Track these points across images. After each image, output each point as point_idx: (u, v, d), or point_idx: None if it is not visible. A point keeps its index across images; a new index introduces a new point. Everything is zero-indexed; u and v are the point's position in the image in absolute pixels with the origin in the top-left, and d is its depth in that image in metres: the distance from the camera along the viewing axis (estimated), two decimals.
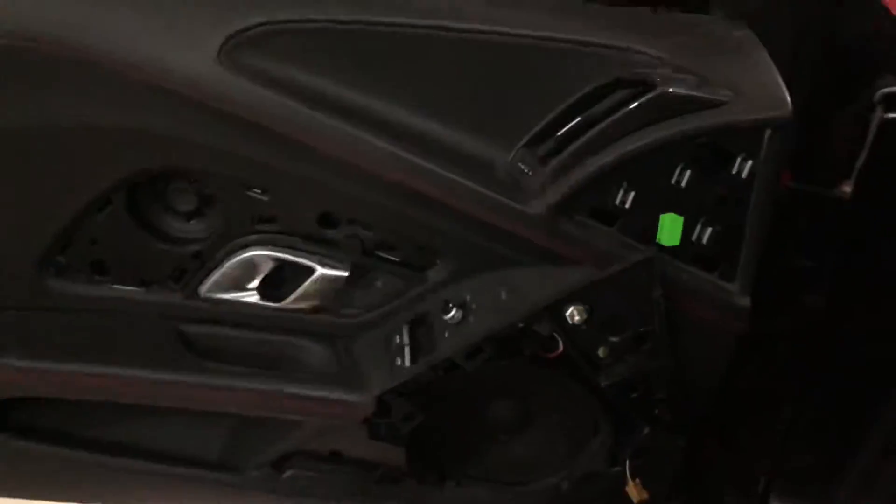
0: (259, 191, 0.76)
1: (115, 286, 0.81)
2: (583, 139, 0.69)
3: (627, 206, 0.71)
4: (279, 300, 0.81)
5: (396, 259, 0.80)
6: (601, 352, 0.77)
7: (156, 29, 0.68)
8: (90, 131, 0.71)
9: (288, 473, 0.89)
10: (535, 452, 0.93)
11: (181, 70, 0.67)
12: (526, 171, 0.72)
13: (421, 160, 0.70)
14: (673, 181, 0.70)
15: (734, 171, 0.69)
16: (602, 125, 0.68)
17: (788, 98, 0.66)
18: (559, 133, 0.70)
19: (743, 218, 0.71)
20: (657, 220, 0.71)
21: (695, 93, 0.66)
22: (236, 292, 0.81)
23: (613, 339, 0.76)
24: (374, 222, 0.77)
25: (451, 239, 0.76)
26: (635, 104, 0.66)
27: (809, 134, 0.81)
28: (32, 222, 0.77)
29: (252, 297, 0.81)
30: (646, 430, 0.86)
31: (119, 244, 0.79)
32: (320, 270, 0.79)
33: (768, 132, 0.67)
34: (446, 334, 0.78)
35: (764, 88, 0.67)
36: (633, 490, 0.88)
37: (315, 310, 0.82)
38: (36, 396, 0.82)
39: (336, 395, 0.81)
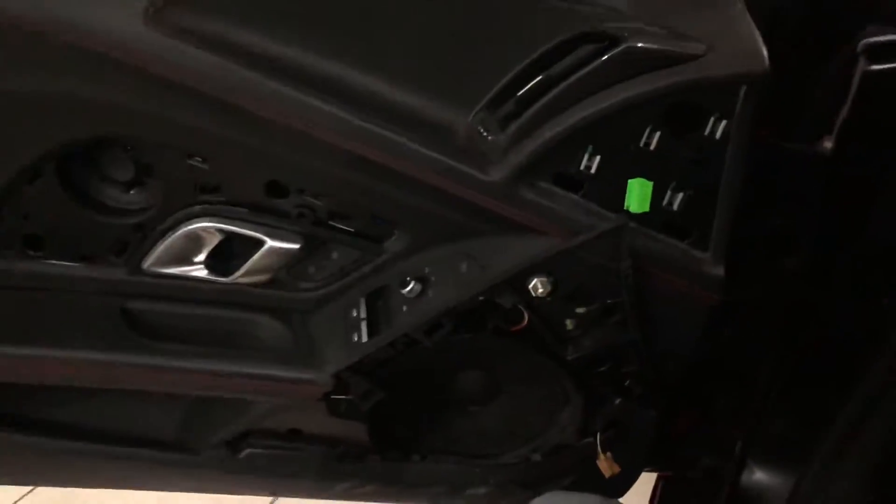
0: (200, 159, 0.70)
1: (53, 262, 0.76)
2: (545, 99, 0.64)
3: (593, 171, 0.66)
4: (228, 274, 0.76)
5: (351, 230, 0.75)
6: (568, 324, 0.73)
7: None
8: (11, 98, 0.65)
9: (245, 452, 0.85)
10: (504, 424, 0.89)
11: (105, 30, 0.61)
12: (485, 134, 0.67)
13: (371, 125, 0.65)
14: (641, 143, 0.65)
15: (707, 131, 0.64)
16: (565, 84, 0.63)
17: (765, 52, 0.61)
18: (520, 93, 0.65)
19: (716, 182, 0.67)
20: (625, 185, 0.67)
21: (665, 47, 0.61)
22: (182, 266, 0.76)
23: (580, 310, 0.73)
24: (325, 191, 0.72)
25: (408, 208, 0.71)
26: (601, 60, 0.61)
27: (789, 88, 0.76)
28: None
29: (199, 272, 0.77)
30: (616, 402, 0.83)
31: (53, 217, 0.74)
32: (270, 243, 0.74)
33: (744, 89, 0.62)
34: (404, 308, 0.74)
35: (740, 42, 0.62)
36: (603, 464, 0.85)
37: (267, 284, 0.78)
38: None
39: (291, 373, 0.77)
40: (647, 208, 0.68)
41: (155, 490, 0.93)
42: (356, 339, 0.76)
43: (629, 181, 0.67)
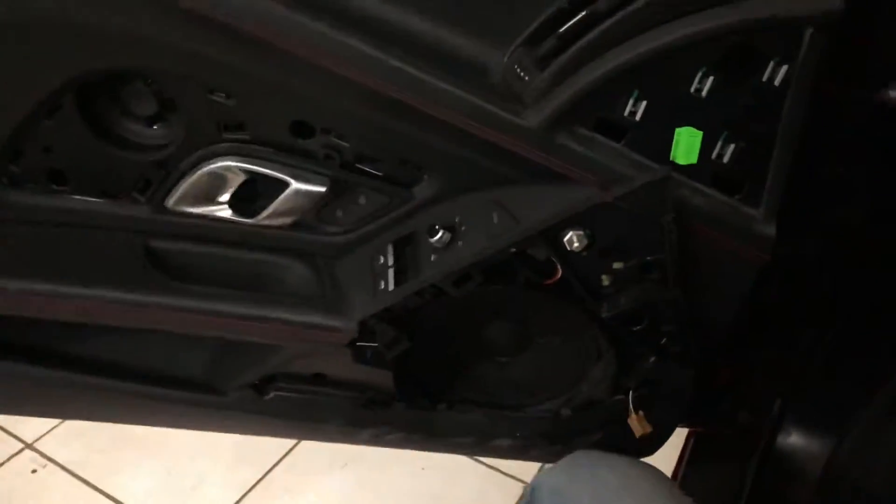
0: (224, 95, 0.67)
1: (76, 197, 0.75)
2: (588, 37, 0.58)
3: (638, 117, 0.61)
4: (252, 216, 0.74)
5: (379, 174, 0.72)
6: (604, 279, 0.70)
7: None
8: (27, 27, 0.62)
9: (271, 395, 0.85)
10: (533, 377, 0.87)
11: None
12: (522, 75, 0.62)
13: (401, 63, 0.61)
14: (692, 89, 0.59)
15: (765, 77, 0.58)
16: (612, 20, 0.57)
17: None
18: (561, 29, 0.60)
19: (772, 133, 0.61)
20: (672, 134, 0.61)
21: None
22: (206, 206, 0.74)
23: (617, 266, 0.69)
24: (352, 133, 0.68)
25: (438, 153, 0.67)
26: None
27: (853, 30, 0.69)
28: None
29: (223, 212, 0.74)
30: (652, 360, 0.80)
31: (75, 151, 0.71)
32: (295, 185, 0.71)
33: (810, 31, 0.55)
34: (433, 257, 0.71)
35: None
36: (635, 423, 0.82)
37: (293, 227, 0.75)
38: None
39: (316, 319, 0.75)
40: (694, 160, 0.62)
41: (180, 428, 0.93)
42: (383, 286, 0.73)
43: (676, 130, 0.61)
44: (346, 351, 0.78)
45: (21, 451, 1.66)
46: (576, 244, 0.65)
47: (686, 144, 0.61)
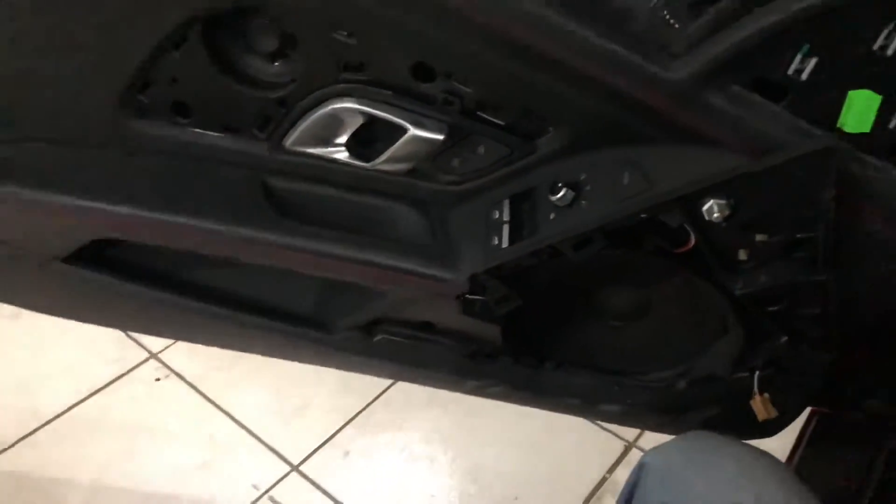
0: (345, 33, 0.64)
1: (199, 130, 0.75)
2: None
3: (804, 77, 0.53)
4: (368, 160, 0.72)
5: (501, 123, 0.67)
6: (741, 254, 0.63)
7: None
8: None
9: (378, 338, 0.85)
10: (649, 345, 0.82)
11: None
12: (672, 21, 0.55)
13: (533, 4, 0.55)
14: (876, 46, 0.51)
15: None
16: None
17: None
18: None
19: None
20: (843, 97, 0.53)
21: None
22: (323, 147, 0.73)
23: (760, 239, 0.62)
24: (476, 78, 0.64)
25: (567, 104, 0.62)
26: None
27: None
28: (109, 58, 0.71)
29: (340, 154, 0.73)
30: (783, 340, 0.73)
31: (199, 85, 0.71)
32: (413, 130, 0.68)
33: None
34: (552, 216, 0.67)
35: None
36: (758, 405, 0.76)
37: (408, 173, 0.73)
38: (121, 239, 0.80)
39: (427, 269, 0.73)
40: (867, 128, 0.54)
41: (286, 360, 0.96)
42: (496, 242, 0.70)
43: (850, 93, 0.53)
44: (454, 302, 0.76)
45: (147, 360, 1.79)
46: (716, 214, 0.59)
47: (860, 109, 0.53)
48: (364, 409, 1.66)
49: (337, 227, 0.75)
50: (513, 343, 0.82)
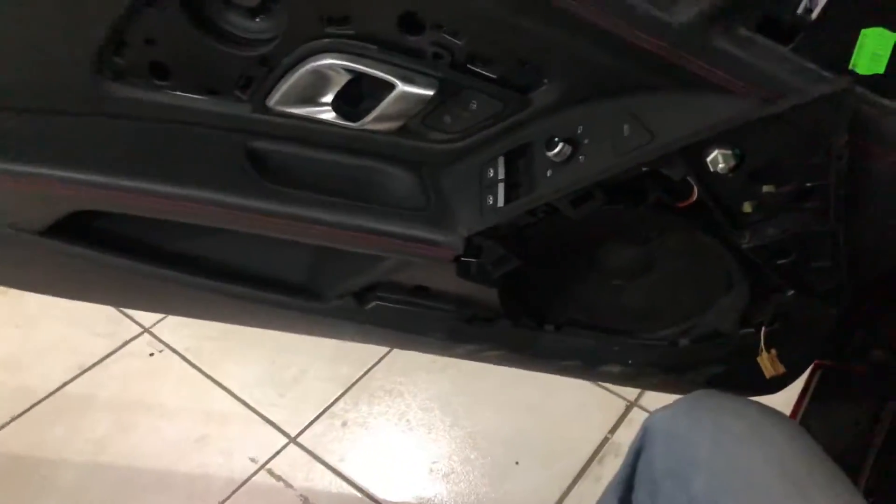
0: None
1: (178, 93, 0.71)
2: None
3: (814, 16, 0.50)
4: (356, 119, 0.69)
5: (493, 76, 0.64)
6: (746, 206, 0.61)
7: None
8: None
9: (372, 304, 0.82)
10: (651, 303, 0.80)
11: None
12: None
13: None
14: None
15: None
16: None
17: None
18: None
19: None
20: (854, 37, 0.50)
21: None
22: (309, 107, 0.70)
23: (767, 189, 0.59)
24: (466, 28, 0.61)
25: (562, 53, 0.59)
26: None
27: None
28: (80, 17, 0.67)
29: (327, 114, 0.70)
30: (790, 294, 0.71)
31: (178, 44, 0.68)
32: (401, 87, 0.65)
33: None
34: (549, 173, 0.64)
35: None
36: (766, 362, 0.75)
37: (398, 132, 0.70)
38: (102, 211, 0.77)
39: (420, 232, 0.70)
40: (881, 69, 0.51)
41: (279, 330, 0.93)
42: (491, 201, 0.67)
43: (863, 31, 0.50)
44: (449, 265, 0.73)
45: (140, 334, 1.76)
46: (721, 164, 0.56)
47: (873, 49, 0.50)
48: (361, 377, 1.65)
49: (326, 192, 0.72)
50: (511, 306, 0.79)
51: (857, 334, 0.98)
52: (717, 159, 0.56)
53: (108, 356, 1.71)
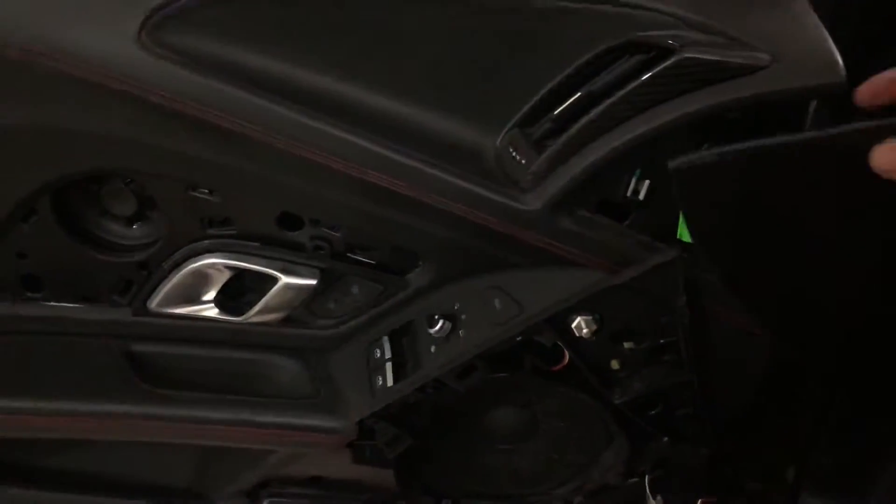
0: (206, 191, 0.64)
1: (53, 303, 0.70)
2: (585, 118, 0.56)
3: (641, 196, 0.59)
4: (240, 313, 0.70)
5: (371, 262, 0.69)
6: (613, 364, 0.66)
7: (65, 8, 0.55)
8: None
9: (265, 502, 0.79)
10: (541, 464, 0.83)
11: (94, 55, 0.55)
12: (517, 158, 0.60)
13: (388, 151, 0.59)
14: None
15: None
16: (609, 101, 0.55)
17: (840, 59, 0.53)
18: (556, 111, 0.58)
19: None
20: (677, 212, 0.59)
21: (724, 58, 0.53)
22: (191, 306, 0.70)
23: (628, 347, 0.66)
24: (342, 222, 0.66)
25: (432, 239, 0.64)
26: (650, 74, 0.54)
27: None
28: None
29: (210, 311, 0.71)
30: (664, 441, 0.76)
31: (52, 256, 0.68)
32: (284, 279, 0.68)
33: (814, 104, 0.54)
34: (433, 349, 0.67)
35: (809, 48, 0.54)
36: None
37: (283, 322, 0.72)
38: None
39: (313, 421, 0.71)
40: None
41: None
42: (381, 382, 0.69)
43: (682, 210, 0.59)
44: (344, 451, 0.73)
45: None
46: (584, 329, 0.62)
47: None
48: None
49: (213, 389, 0.72)
50: (407, 485, 0.79)
51: (730, 469, 1.03)
52: (581, 325, 0.63)
53: None
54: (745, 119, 0.56)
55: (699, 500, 1.09)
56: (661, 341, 0.64)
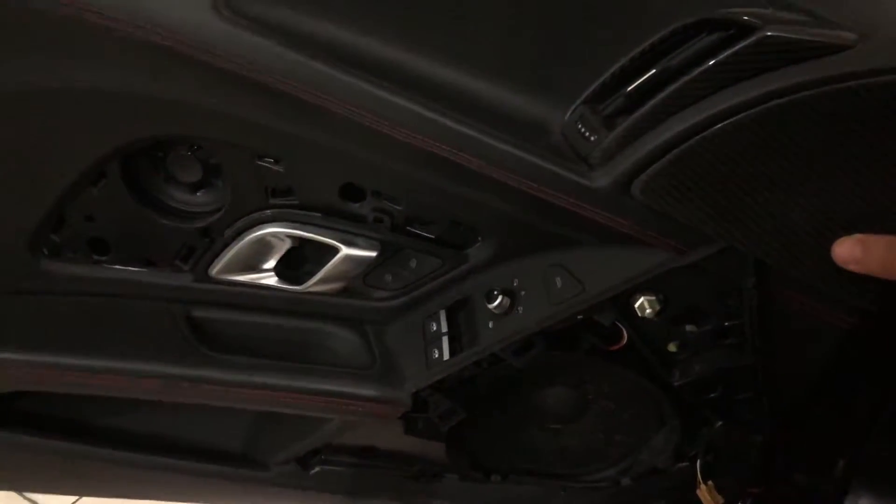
0: (271, 160, 0.65)
1: (118, 266, 0.72)
2: (661, 95, 0.55)
3: None
4: (300, 283, 0.71)
5: (431, 236, 0.69)
6: (671, 347, 0.66)
7: None
8: (72, 96, 0.61)
9: (316, 469, 0.81)
10: (591, 444, 0.83)
11: (171, 22, 0.56)
12: (586, 134, 0.59)
13: (453, 122, 0.58)
14: None
15: None
16: (685, 78, 0.54)
17: None
18: (629, 88, 0.57)
19: None
20: None
21: (807, 36, 0.52)
22: (251, 274, 0.72)
23: (690, 329, 0.65)
24: (404, 195, 0.66)
25: (494, 215, 0.64)
26: (730, 51, 0.52)
27: None
28: (18, 198, 0.68)
29: (270, 279, 0.72)
30: (718, 425, 0.75)
31: (119, 220, 0.69)
32: (345, 250, 0.68)
33: None
34: (490, 325, 0.67)
35: None
36: (704, 494, 0.77)
37: (341, 292, 0.72)
38: (36, 391, 0.74)
39: (367, 391, 0.71)
40: None
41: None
42: (437, 355, 0.69)
43: None
44: (395, 423, 0.74)
45: None
46: (647, 310, 0.62)
47: None
48: None
49: (270, 356, 0.73)
50: (458, 459, 0.80)
51: (779, 460, 1.02)
52: (644, 305, 0.62)
53: None
54: None
55: (748, 489, 1.09)
56: (726, 324, 0.63)
